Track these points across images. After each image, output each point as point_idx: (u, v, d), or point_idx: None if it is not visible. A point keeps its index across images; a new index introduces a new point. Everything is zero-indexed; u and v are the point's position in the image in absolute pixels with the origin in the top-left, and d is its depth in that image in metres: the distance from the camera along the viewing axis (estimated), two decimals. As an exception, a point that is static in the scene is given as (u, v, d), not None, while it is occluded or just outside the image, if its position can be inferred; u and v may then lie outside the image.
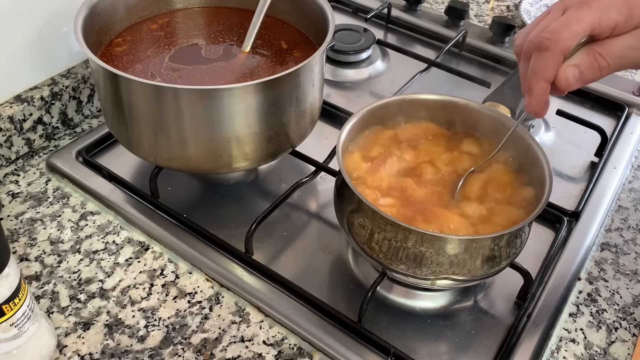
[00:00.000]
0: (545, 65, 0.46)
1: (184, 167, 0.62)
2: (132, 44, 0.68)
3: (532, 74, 0.47)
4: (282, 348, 0.55)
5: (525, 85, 0.49)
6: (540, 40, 0.46)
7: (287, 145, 0.65)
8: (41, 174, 0.70)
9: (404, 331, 0.57)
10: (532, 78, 0.48)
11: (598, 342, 0.57)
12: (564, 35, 0.45)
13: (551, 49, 0.45)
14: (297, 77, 0.59)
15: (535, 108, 0.49)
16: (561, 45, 0.45)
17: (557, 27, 0.45)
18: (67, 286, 0.59)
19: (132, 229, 0.64)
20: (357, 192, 0.51)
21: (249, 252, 0.61)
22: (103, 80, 0.59)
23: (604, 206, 0.70)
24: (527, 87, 0.49)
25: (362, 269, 0.62)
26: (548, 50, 0.45)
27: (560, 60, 0.46)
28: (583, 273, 0.63)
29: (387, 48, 0.95)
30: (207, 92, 0.56)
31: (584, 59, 0.46)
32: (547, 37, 0.45)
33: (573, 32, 0.45)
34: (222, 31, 0.72)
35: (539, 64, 0.46)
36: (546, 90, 0.48)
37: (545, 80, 0.47)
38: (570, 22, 0.45)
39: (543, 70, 0.47)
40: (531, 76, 0.48)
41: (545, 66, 0.46)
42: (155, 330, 0.55)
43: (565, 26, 0.45)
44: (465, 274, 0.52)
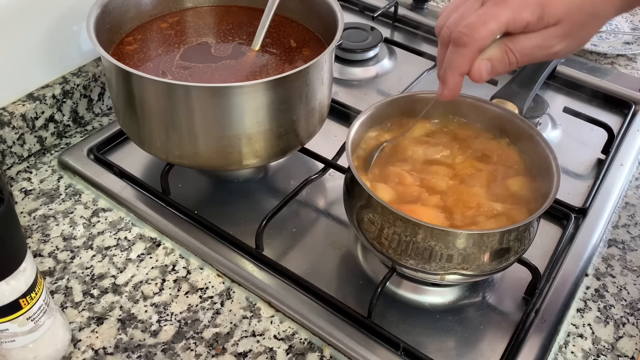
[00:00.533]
0: (461, 60, 0.48)
1: (194, 164, 0.63)
2: (143, 43, 0.69)
3: (448, 66, 0.49)
4: (292, 342, 0.55)
5: (441, 75, 0.50)
6: (458, 36, 0.47)
7: (296, 143, 0.65)
8: (53, 172, 0.71)
9: (413, 326, 0.57)
10: (447, 70, 0.49)
11: (606, 337, 0.57)
12: (482, 34, 0.46)
13: (468, 46, 0.47)
14: (307, 75, 0.60)
15: (448, 98, 0.51)
16: (478, 44, 0.47)
17: (475, 24, 0.46)
18: (81, 282, 0.59)
19: (143, 225, 0.65)
20: (366, 188, 0.51)
21: (260, 248, 0.62)
22: (115, 78, 0.60)
23: (611, 203, 0.71)
24: (442, 77, 0.50)
25: (372, 265, 0.63)
26: (465, 47, 0.47)
27: (475, 56, 0.48)
28: (590, 269, 0.64)
29: (394, 46, 0.96)
30: (218, 90, 0.56)
31: (497, 54, 0.48)
32: (465, 33, 0.47)
33: (490, 30, 0.46)
34: (231, 30, 0.72)
35: (456, 59, 0.48)
36: (460, 82, 0.50)
37: (460, 74, 0.49)
38: (488, 20, 0.46)
39: (459, 64, 0.48)
40: (447, 68, 0.49)
41: (461, 61, 0.48)
42: (168, 325, 0.56)
43: (483, 24, 0.46)
44: (474, 269, 0.52)
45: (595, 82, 0.89)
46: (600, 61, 0.97)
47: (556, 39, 0.48)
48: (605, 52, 0.97)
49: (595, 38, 1.01)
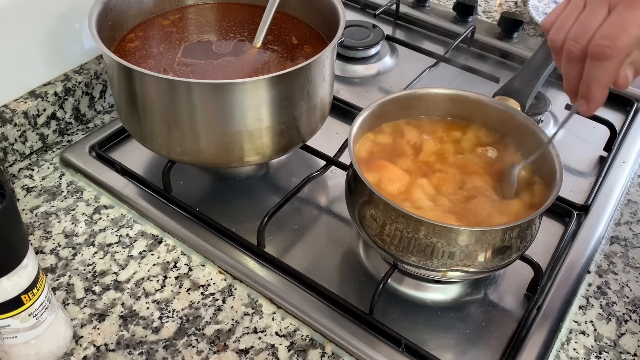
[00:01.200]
0: (607, 74, 0.45)
1: (196, 161, 0.63)
2: (145, 40, 0.69)
3: (593, 82, 0.46)
4: (294, 339, 0.55)
5: (583, 92, 0.48)
6: (600, 50, 0.44)
7: (298, 140, 0.65)
8: (55, 169, 0.71)
9: (415, 323, 0.57)
10: (593, 86, 0.47)
11: (608, 334, 0.57)
12: (626, 42, 0.44)
13: (613, 58, 0.44)
14: (309, 72, 0.59)
15: (593, 112, 0.49)
16: (623, 53, 0.44)
17: (614, 33, 0.44)
18: (82, 278, 0.59)
19: (145, 222, 0.65)
20: (368, 184, 0.51)
21: (261, 244, 0.62)
22: (117, 75, 0.60)
23: (613, 200, 0.71)
24: (586, 94, 0.48)
25: (373, 262, 0.63)
26: (610, 60, 0.44)
27: (621, 66, 0.45)
28: (593, 266, 0.64)
29: (395, 44, 0.95)
30: (219, 87, 0.56)
31: (637, 55, 0.46)
32: (607, 46, 0.44)
33: (633, 37, 0.43)
34: (233, 27, 0.72)
35: (600, 73, 0.45)
36: (606, 94, 0.47)
37: (607, 86, 0.47)
38: (628, 26, 0.43)
39: (605, 78, 0.46)
40: (592, 84, 0.47)
41: (607, 74, 0.45)
42: (170, 322, 0.56)
43: (624, 32, 0.43)
44: (476, 266, 0.52)
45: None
46: (603, 59, 0.96)
47: None
48: (608, 49, 0.96)
49: (598, 35, 1.01)
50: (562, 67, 0.49)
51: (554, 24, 0.48)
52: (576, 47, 0.46)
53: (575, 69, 0.47)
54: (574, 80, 0.48)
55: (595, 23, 0.45)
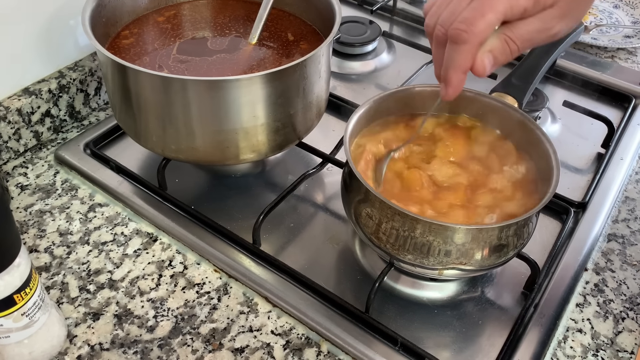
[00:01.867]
0: (463, 58, 0.46)
1: (191, 159, 0.62)
2: (139, 36, 0.68)
3: (450, 66, 0.47)
4: (290, 338, 0.55)
5: (442, 75, 0.49)
6: (457, 33, 0.45)
7: (294, 137, 0.65)
8: (49, 166, 0.71)
9: (411, 321, 0.57)
10: (449, 70, 0.48)
11: (605, 332, 0.57)
12: (481, 27, 0.45)
13: (468, 42, 0.45)
14: (304, 69, 0.59)
15: (452, 97, 0.50)
16: (479, 38, 0.45)
17: (472, 17, 0.45)
18: (77, 277, 0.59)
19: (140, 220, 0.65)
20: (364, 182, 0.51)
21: (257, 243, 0.61)
22: (111, 72, 0.59)
23: (611, 197, 0.70)
24: (444, 77, 0.49)
25: (369, 260, 0.62)
26: (465, 43, 0.45)
27: (477, 50, 0.46)
28: (590, 264, 0.63)
29: (392, 40, 0.95)
30: (214, 84, 0.56)
31: (497, 45, 0.47)
32: (463, 30, 0.45)
33: (488, 22, 0.45)
34: (228, 23, 0.72)
35: (457, 56, 0.46)
36: (463, 80, 0.48)
37: (464, 71, 0.48)
38: (485, 12, 0.44)
39: (461, 62, 0.47)
40: (449, 67, 0.48)
41: (463, 58, 0.46)
42: (165, 321, 0.56)
43: (481, 16, 0.44)
44: (473, 264, 0.52)
45: (595, 75, 0.89)
46: (601, 55, 0.96)
47: (554, 20, 0.46)
48: (606, 45, 0.96)
49: (596, 32, 1.01)
50: (432, 52, 0.50)
51: (430, 9, 0.49)
52: (441, 31, 0.47)
53: (441, 53, 0.48)
54: (440, 65, 0.49)
55: (460, 8, 0.46)
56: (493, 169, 0.58)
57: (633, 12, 1.06)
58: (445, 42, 0.47)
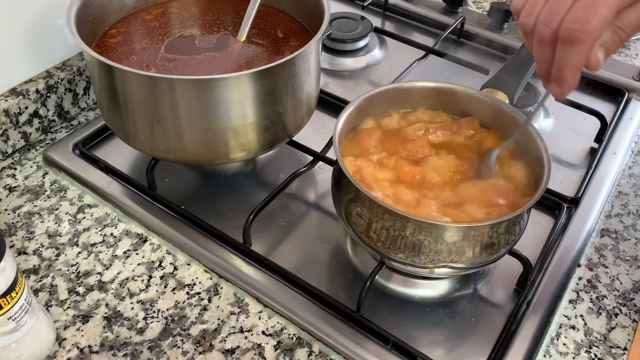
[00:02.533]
0: (579, 57, 0.45)
1: (180, 159, 0.62)
2: (127, 35, 0.68)
3: (565, 66, 0.46)
4: (281, 338, 0.55)
5: (556, 75, 0.47)
6: (571, 33, 0.43)
7: (284, 135, 0.64)
8: (38, 168, 0.70)
9: (403, 320, 0.57)
10: (565, 70, 0.46)
11: (598, 329, 0.57)
12: (596, 25, 0.43)
13: (584, 41, 0.43)
14: (293, 66, 0.58)
15: (566, 95, 0.49)
16: (594, 35, 0.43)
17: (585, 16, 0.43)
18: (66, 279, 0.58)
19: (129, 221, 0.64)
20: (354, 181, 0.50)
21: (247, 242, 0.61)
22: (98, 72, 0.59)
23: (604, 192, 0.70)
24: (558, 77, 0.47)
25: (361, 258, 0.62)
26: (581, 43, 0.44)
27: (593, 48, 0.45)
28: (583, 259, 0.63)
29: (384, 36, 0.94)
30: (202, 82, 0.55)
31: (608, 37, 0.45)
32: (578, 29, 0.43)
33: (603, 18, 0.43)
34: (217, 21, 0.71)
35: (572, 56, 0.45)
36: (579, 77, 0.47)
37: (579, 70, 0.46)
38: (597, 8, 0.43)
39: (577, 61, 0.45)
40: (564, 67, 0.46)
41: (579, 57, 0.45)
42: (154, 322, 0.55)
43: (594, 14, 0.43)
44: (464, 262, 0.51)
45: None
46: (594, 48, 0.95)
47: None
48: (599, 39, 0.95)
49: (589, 25, 1.00)
50: (534, 51, 0.48)
51: (524, 7, 0.47)
52: (547, 31, 0.45)
53: (546, 52, 0.47)
54: (545, 63, 0.48)
55: (565, 6, 0.44)
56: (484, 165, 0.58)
57: (626, 5, 1.05)
58: (551, 42, 0.46)
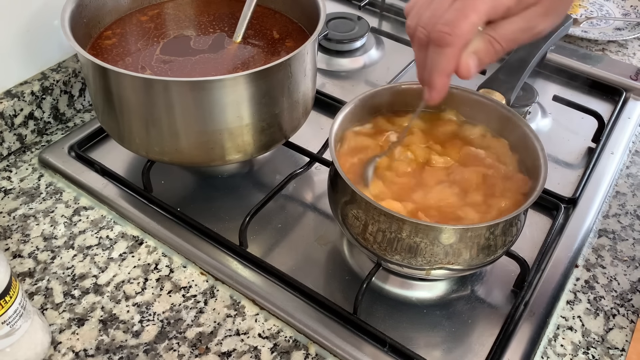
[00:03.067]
0: (447, 61, 0.45)
1: (176, 161, 0.61)
2: (122, 37, 0.67)
3: (434, 70, 0.46)
4: (277, 341, 0.54)
5: (426, 79, 0.48)
6: (440, 36, 0.44)
7: (280, 137, 0.64)
8: (34, 170, 0.70)
9: (400, 322, 0.56)
10: (433, 73, 0.47)
11: (596, 330, 0.57)
12: (465, 29, 0.43)
13: (452, 45, 0.44)
14: (289, 67, 0.58)
15: (437, 101, 0.49)
16: (462, 40, 0.44)
17: (454, 19, 0.44)
18: (61, 282, 0.58)
19: (125, 223, 0.64)
20: (350, 184, 0.50)
21: (244, 244, 0.60)
22: (92, 74, 0.58)
23: (602, 192, 0.70)
24: (428, 81, 0.48)
25: (358, 260, 0.62)
26: (449, 46, 0.44)
27: (461, 53, 0.45)
28: (580, 260, 0.63)
29: (381, 36, 0.94)
30: (197, 84, 0.55)
31: (481, 46, 0.46)
32: (447, 32, 0.44)
33: (472, 23, 0.43)
34: (212, 22, 0.71)
35: (440, 60, 0.45)
36: (448, 83, 0.48)
37: (448, 75, 0.47)
38: (468, 13, 0.43)
39: (445, 65, 0.46)
40: (432, 71, 0.47)
41: (447, 61, 0.45)
42: (150, 325, 0.55)
43: (464, 18, 0.43)
44: (461, 263, 0.51)
45: (585, 69, 0.88)
46: (591, 48, 0.95)
47: (538, 18, 0.46)
48: (596, 38, 0.95)
49: (586, 24, 1.00)
50: (415, 55, 0.49)
51: (412, 10, 0.48)
52: (424, 34, 0.46)
53: (423, 55, 0.47)
54: (422, 67, 0.48)
55: (442, 10, 0.44)
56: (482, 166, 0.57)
57: (624, 4, 1.05)
58: (427, 45, 0.46)
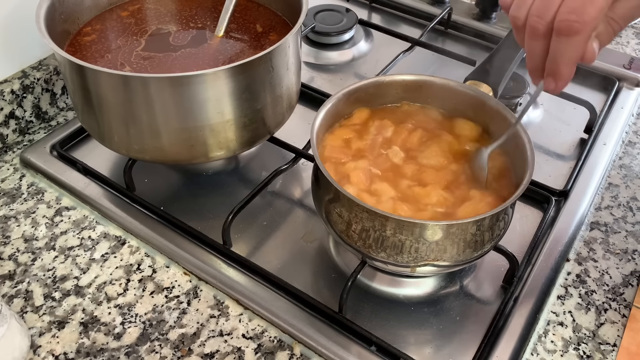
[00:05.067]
0: (576, 49, 0.44)
1: (157, 159, 0.60)
2: (102, 33, 0.66)
3: (561, 59, 0.45)
4: (262, 341, 0.53)
5: (551, 69, 0.46)
6: (568, 25, 0.42)
7: (264, 132, 0.63)
8: (15, 170, 0.68)
9: (387, 320, 0.55)
10: (561, 63, 0.45)
11: (587, 325, 0.55)
12: (593, 15, 0.42)
13: (581, 33, 0.43)
14: (270, 61, 0.57)
15: (561, 90, 0.47)
16: (591, 26, 0.43)
17: (581, 6, 0.42)
18: (42, 284, 0.57)
19: (108, 223, 0.63)
20: (332, 181, 0.49)
21: (227, 243, 0.59)
22: (69, 72, 0.57)
23: (594, 184, 0.68)
24: (554, 71, 0.46)
25: (344, 258, 0.60)
26: (579, 34, 0.43)
27: (589, 39, 0.44)
28: (572, 254, 0.62)
29: (370, 28, 0.92)
30: (175, 80, 0.54)
31: (602, 28, 0.45)
32: (575, 20, 0.42)
33: (600, 8, 0.42)
34: (194, 16, 0.69)
35: (569, 49, 0.44)
36: (574, 71, 0.46)
37: (576, 62, 0.45)
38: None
39: (574, 53, 0.44)
40: (559, 61, 0.45)
41: (575, 50, 0.44)
42: (132, 327, 0.54)
43: (590, 3, 0.42)
44: (447, 260, 0.50)
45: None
46: (584, 37, 0.94)
47: None
48: (589, 27, 0.93)
49: (579, 13, 0.98)
50: (526, 45, 0.47)
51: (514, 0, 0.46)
52: (540, 23, 0.44)
53: (539, 46, 0.45)
54: (539, 57, 0.46)
55: None
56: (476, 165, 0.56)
57: (617, -9, 1.03)
58: (544, 34, 0.44)
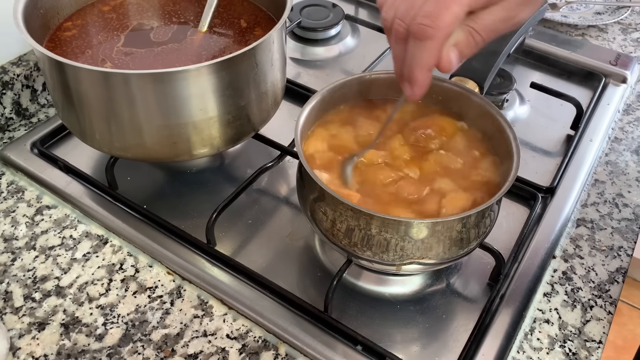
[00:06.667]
0: (428, 55, 0.43)
1: (139, 156, 0.59)
2: (83, 28, 0.65)
3: (414, 64, 0.45)
4: (246, 341, 0.53)
5: (406, 74, 0.46)
6: (421, 28, 0.42)
7: (248, 129, 0.62)
8: (-5, 168, 0.67)
9: (373, 318, 0.55)
10: (415, 68, 0.45)
11: (573, 322, 0.55)
12: (447, 21, 0.42)
13: (434, 38, 0.42)
14: (254, 57, 0.56)
15: (419, 96, 0.47)
16: (444, 33, 0.42)
17: (436, 11, 0.42)
18: (22, 285, 0.56)
19: (90, 222, 0.62)
20: (316, 179, 0.48)
21: (211, 242, 0.59)
22: (49, 69, 0.56)
23: (580, 181, 0.68)
24: (408, 76, 0.46)
25: (330, 256, 0.60)
26: (431, 39, 0.42)
27: (442, 46, 0.44)
28: (558, 251, 0.62)
29: (356, 24, 0.92)
30: (157, 76, 0.53)
31: (461, 38, 0.44)
32: (428, 25, 0.42)
33: (454, 15, 0.42)
34: (177, 11, 0.68)
35: (421, 54, 0.44)
36: (430, 77, 0.46)
37: (430, 68, 0.45)
38: (450, 4, 0.41)
39: (427, 59, 0.44)
40: (413, 66, 0.45)
41: (428, 55, 0.44)
42: (114, 328, 0.53)
43: (446, 9, 0.41)
44: (432, 258, 0.50)
45: (565, 54, 0.86)
46: (571, 33, 0.94)
47: (517, 7, 0.44)
48: (576, 23, 0.94)
49: (566, 9, 0.98)
50: (391, 48, 0.47)
51: (386, 1, 0.46)
52: (402, 26, 0.44)
53: (401, 49, 0.45)
54: (401, 62, 0.46)
55: (422, 1, 0.42)
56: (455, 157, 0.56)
57: (604, -13, 1.04)
58: (405, 38, 0.44)
